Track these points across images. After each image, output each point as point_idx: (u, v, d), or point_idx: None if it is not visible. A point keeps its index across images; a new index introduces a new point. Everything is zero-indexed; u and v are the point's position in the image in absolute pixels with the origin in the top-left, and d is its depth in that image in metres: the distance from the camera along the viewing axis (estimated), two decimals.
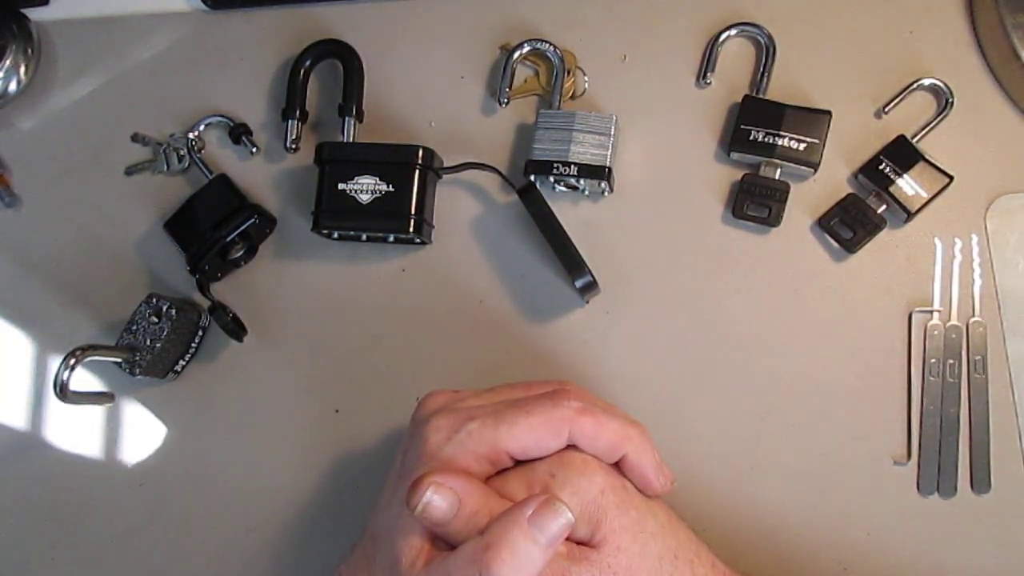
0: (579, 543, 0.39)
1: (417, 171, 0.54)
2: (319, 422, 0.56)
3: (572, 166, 0.53)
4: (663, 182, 0.55)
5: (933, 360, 0.50)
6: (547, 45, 0.56)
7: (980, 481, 0.49)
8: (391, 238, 0.56)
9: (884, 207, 0.52)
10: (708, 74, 0.55)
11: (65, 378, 0.50)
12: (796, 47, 0.55)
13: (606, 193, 0.55)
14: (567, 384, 0.43)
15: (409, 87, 0.59)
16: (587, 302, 0.54)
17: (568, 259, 0.52)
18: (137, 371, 0.54)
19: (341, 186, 0.54)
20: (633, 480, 0.42)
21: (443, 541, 0.39)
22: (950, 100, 0.53)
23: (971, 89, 0.53)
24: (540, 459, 0.41)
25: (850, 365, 0.51)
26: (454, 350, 0.55)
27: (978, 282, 0.51)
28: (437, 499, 0.37)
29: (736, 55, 0.56)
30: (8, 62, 0.62)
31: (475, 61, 0.59)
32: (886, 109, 0.53)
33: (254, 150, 0.60)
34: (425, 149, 0.54)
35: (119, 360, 0.55)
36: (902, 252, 0.52)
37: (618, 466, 0.42)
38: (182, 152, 0.60)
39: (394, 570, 0.39)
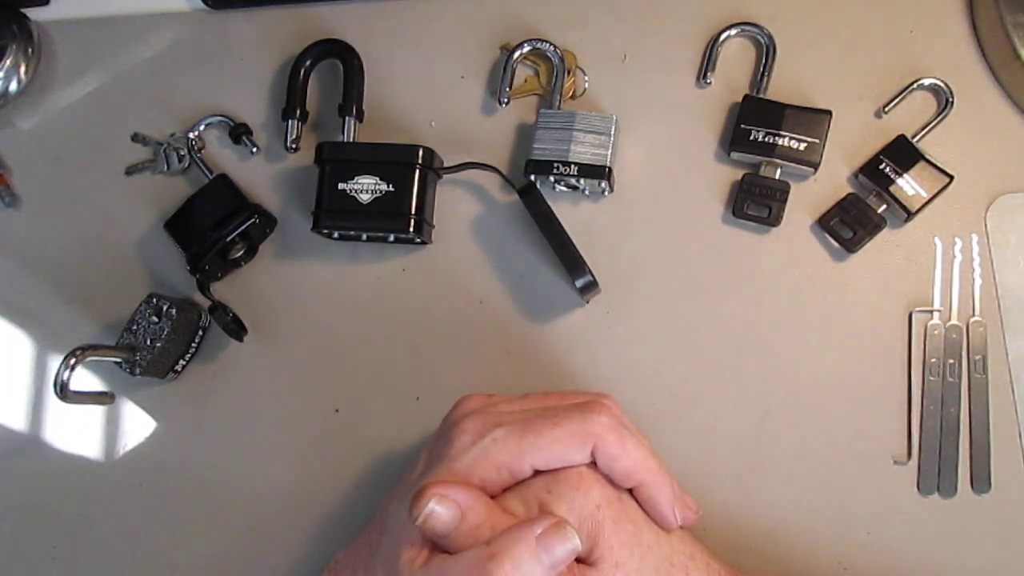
0: (577, 560, 0.39)
1: (417, 171, 0.54)
2: (319, 422, 0.56)
3: (572, 166, 0.53)
4: (663, 182, 0.55)
5: (933, 360, 0.50)
6: (547, 45, 0.56)
7: (980, 481, 0.49)
8: (391, 238, 0.56)
9: (884, 207, 0.52)
10: (708, 74, 0.55)
11: (65, 378, 0.50)
12: (796, 47, 0.55)
13: (606, 193, 0.55)
14: (603, 397, 0.43)
15: (409, 87, 0.59)
16: (587, 302, 0.54)
17: (568, 259, 0.52)
18: (137, 371, 0.54)
19: (341, 186, 0.54)
20: (646, 511, 0.42)
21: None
22: (950, 100, 0.53)
23: (971, 89, 0.53)
24: (535, 475, 0.40)
25: (850, 365, 0.51)
26: (454, 350, 0.55)
27: (978, 282, 0.51)
28: (440, 510, 0.37)
29: (736, 55, 0.56)
30: (8, 62, 0.62)
31: (475, 61, 0.59)
32: (886, 109, 0.53)
33: (254, 150, 0.60)
34: (425, 149, 0.54)
35: (119, 360, 0.55)
36: (902, 252, 0.52)
37: (631, 493, 0.42)
38: (182, 152, 0.60)
39: (392, 566, 0.39)
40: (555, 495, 0.39)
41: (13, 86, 0.62)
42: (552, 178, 0.54)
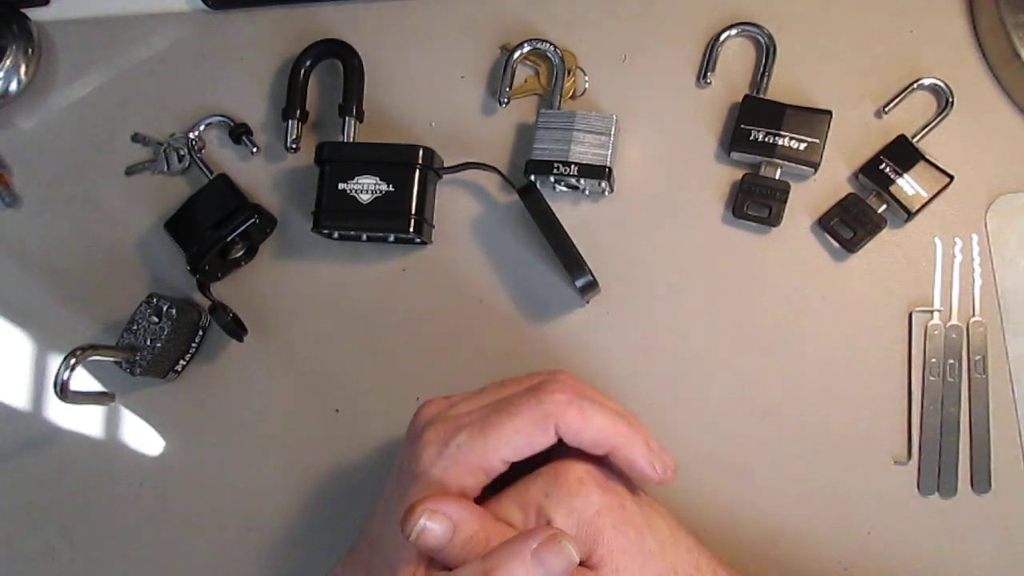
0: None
1: (417, 171, 0.54)
2: (319, 422, 0.56)
3: (572, 166, 0.53)
4: (663, 182, 0.55)
5: (933, 360, 0.50)
6: (547, 45, 0.56)
7: (980, 481, 0.49)
8: (391, 238, 0.56)
9: (884, 207, 0.52)
10: (708, 74, 0.55)
11: (65, 378, 0.50)
12: (796, 47, 0.55)
13: (606, 193, 0.55)
14: (558, 374, 0.42)
15: (409, 87, 0.59)
16: (587, 302, 0.54)
17: (568, 259, 0.52)
18: (137, 371, 0.54)
19: (341, 186, 0.54)
20: (626, 473, 0.41)
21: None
22: (950, 100, 0.53)
23: (971, 89, 0.53)
24: (533, 478, 0.40)
25: (850, 365, 0.51)
26: (454, 350, 0.55)
27: (978, 282, 0.51)
28: (431, 525, 0.37)
29: (736, 55, 0.56)
30: (8, 62, 0.62)
31: (475, 61, 0.59)
32: (886, 109, 0.53)
33: (254, 150, 0.60)
34: (425, 149, 0.54)
35: (119, 360, 0.55)
36: (902, 252, 0.52)
37: (607, 459, 0.41)
38: (182, 152, 0.60)
39: None
40: (554, 500, 0.39)
41: (13, 86, 0.62)
42: (552, 178, 0.54)
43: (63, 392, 0.50)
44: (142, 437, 0.58)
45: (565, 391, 0.40)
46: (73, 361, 0.50)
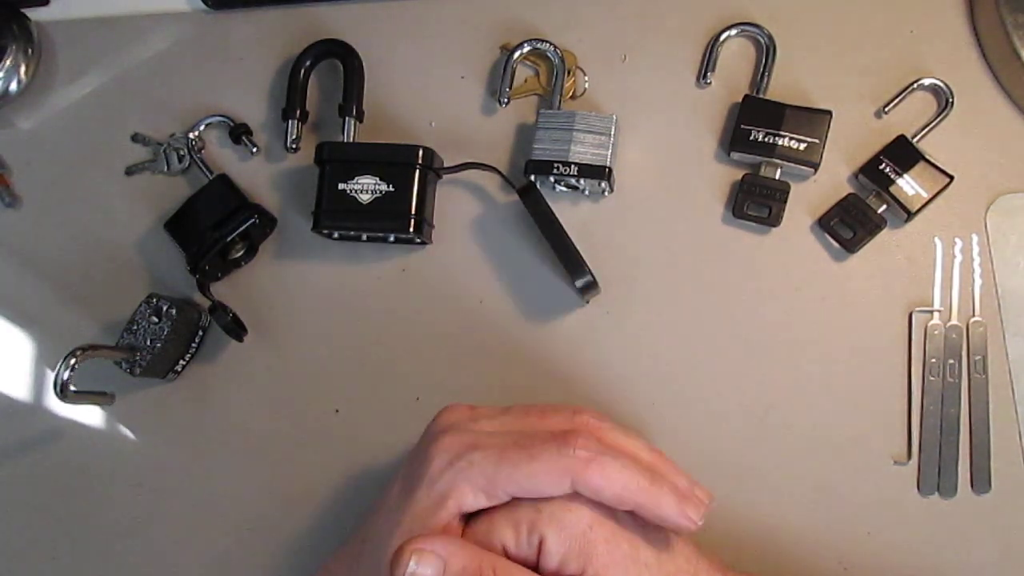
0: None
1: (417, 171, 0.54)
2: (319, 422, 0.56)
3: (572, 166, 0.53)
4: (663, 182, 0.55)
5: (933, 360, 0.50)
6: (547, 45, 0.56)
7: (980, 481, 0.49)
8: (391, 238, 0.56)
9: (884, 207, 0.52)
10: (708, 74, 0.55)
11: (65, 378, 0.50)
12: (796, 47, 0.55)
13: (606, 193, 0.55)
14: (583, 418, 0.41)
15: (409, 87, 0.59)
16: (587, 302, 0.54)
17: (568, 259, 0.52)
18: (137, 371, 0.54)
19: (341, 186, 0.54)
20: (661, 527, 0.40)
21: None
22: (950, 100, 0.53)
23: (971, 89, 0.53)
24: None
25: (850, 365, 0.51)
26: (454, 350, 0.55)
27: (978, 282, 0.51)
28: (421, 569, 0.36)
29: (736, 55, 0.56)
30: (8, 62, 0.62)
31: (475, 61, 0.59)
32: (886, 109, 0.53)
33: (254, 150, 0.60)
34: (425, 149, 0.54)
35: (119, 360, 0.55)
36: (902, 252, 0.52)
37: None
38: (182, 152, 0.60)
39: None
40: (546, 515, 0.38)
41: (13, 86, 0.62)
42: (552, 178, 0.54)
43: (63, 392, 0.50)
44: (142, 437, 0.58)
45: (588, 446, 0.39)
46: (73, 361, 0.50)
